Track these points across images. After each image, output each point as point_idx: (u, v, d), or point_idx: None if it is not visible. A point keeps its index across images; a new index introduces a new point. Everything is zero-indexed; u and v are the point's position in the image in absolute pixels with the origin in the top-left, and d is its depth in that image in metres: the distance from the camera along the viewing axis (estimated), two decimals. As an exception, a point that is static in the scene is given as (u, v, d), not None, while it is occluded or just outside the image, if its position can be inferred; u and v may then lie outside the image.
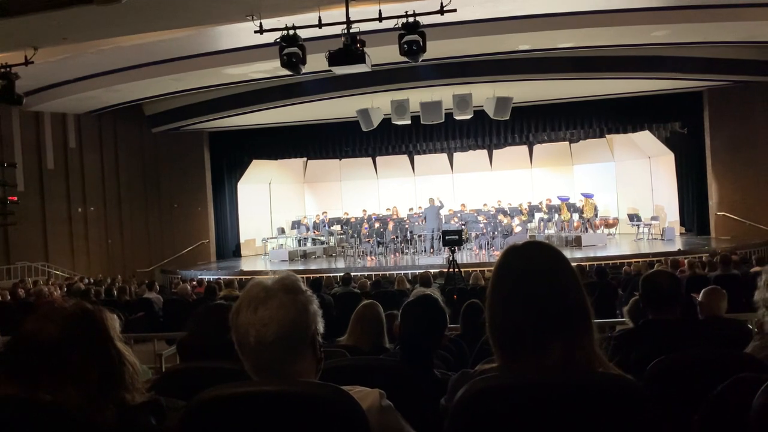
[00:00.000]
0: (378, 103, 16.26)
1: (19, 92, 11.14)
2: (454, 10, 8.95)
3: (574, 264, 1.52)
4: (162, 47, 12.50)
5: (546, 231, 18.36)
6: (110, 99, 16.55)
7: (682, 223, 18.61)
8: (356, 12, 9.24)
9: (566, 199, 18.31)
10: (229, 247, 20.60)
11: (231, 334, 1.52)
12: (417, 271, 12.19)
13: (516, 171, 20.93)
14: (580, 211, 17.86)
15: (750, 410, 1.46)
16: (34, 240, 17.14)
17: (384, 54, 10.65)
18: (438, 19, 9.04)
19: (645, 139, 18.95)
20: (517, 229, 16.73)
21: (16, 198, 16.56)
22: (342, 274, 10.54)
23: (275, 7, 9.70)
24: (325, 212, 19.92)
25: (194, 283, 12.92)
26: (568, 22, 12.00)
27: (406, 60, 9.64)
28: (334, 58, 9.27)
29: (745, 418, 1.48)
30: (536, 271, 1.46)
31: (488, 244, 16.81)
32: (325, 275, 12.25)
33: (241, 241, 20.73)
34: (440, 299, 2.84)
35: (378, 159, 21.49)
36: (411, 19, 9.07)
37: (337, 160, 21.44)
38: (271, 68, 13.19)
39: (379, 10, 9.08)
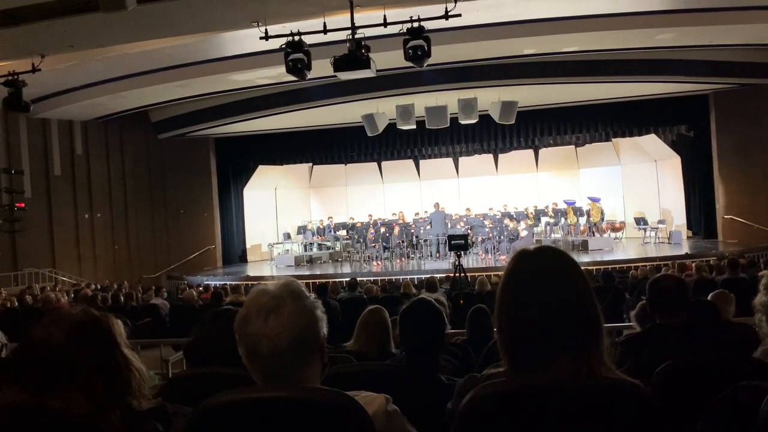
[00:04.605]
0: (383, 108, 16.28)
1: (26, 99, 11.21)
2: (459, 15, 8.96)
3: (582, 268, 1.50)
4: (168, 54, 12.56)
5: (552, 235, 18.33)
6: (116, 106, 16.63)
7: (689, 227, 18.55)
8: (361, 17, 9.27)
9: (572, 203, 18.27)
10: (235, 253, 20.63)
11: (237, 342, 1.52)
12: (423, 276, 12.18)
13: (522, 175, 20.88)
14: (587, 215, 17.81)
15: (753, 417, 1.45)
16: (41, 246, 17.20)
17: (389, 59, 10.67)
18: (443, 23, 9.06)
19: (651, 142, 18.90)
20: (524, 234, 16.70)
21: (23, 204, 16.64)
22: (348, 279, 10.53)
23: (280, 14, 9.73)
24: (331, 217, 19.93)
25: (200, 288, 12.94)
26: (573, 26, 11.99)
27: (411, 65, 9.67)
28: (339, 64, 9.30)
29: (748, 424, 1.48)
30: (549, 279, 1.44)
31: (494, 248, 16.79)
32: (330, 280, 12.25)
33: (247, 246, 20.75)
34: (446, 304, 2.84)
35: (383, 164, 21.48)
36: (416, 24, 9.09)
37: (343, 165, 21.46)
38: (276, 74, 13.23)
39: (384, 16, 9.10)
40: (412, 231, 17.88)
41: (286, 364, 1.47)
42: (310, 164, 21.81)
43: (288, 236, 19.81)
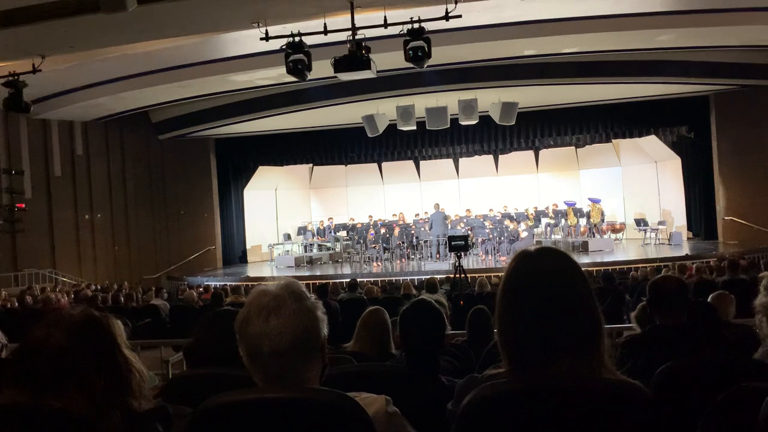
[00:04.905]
0: (383, 109, 16.27)
1: (27, 100, 11.20)
2: (459, 16, 8.96)
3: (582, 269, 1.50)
4: (168, 55, 12.56)
5: (552, 236, 18.33)
6: (117, 106, 16.64)
7: (689, 228, 18.54)
8: (361, 18, 9.27)
9: (573, 204, 18.27)
10: (236, 254, 20.62)
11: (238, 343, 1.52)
12: (423, 277, 12.18)
13: (522, 176, 20.89)
14: (587, 216, 17.81)
15: (753, 418, 1.45)
16: (41, 247, 17.20)
17: (389, 60, 10.67)
18: (443, 24, 9.06)
19: (651, 143, 18.90)
20: (524, 235, 16.69)
21: (23, 205, 16.64)
22: (348, 280, 10.53)
23: (281, 14, 9.74)
24: (331, 218, 19.93)
25: (201, 289, 12.93)
26: (573, 27, 11.99)
27: (412, 66, 9.66)
28: (340, 65, 9.30)
29: (748, 426, 1.48)
30: (550, 280, 1.43)
31: (494, 249, 16.80)
32: (331, 281, 12.24)
33: (248, 247, 20.74)
34: (446, 305, 2.83)
35: (384, 165, 21.48)
36: (416, 25, 9.09)
37: (343, 165, 21.48)
38: (276, 75, 13.24)
39: (384, 17, 9.11)
40: (413, 232, 17.88)
41: (287, 364, 1.46)
42: (311, 165, 21.80)
43: (288, 237, 19.80)
